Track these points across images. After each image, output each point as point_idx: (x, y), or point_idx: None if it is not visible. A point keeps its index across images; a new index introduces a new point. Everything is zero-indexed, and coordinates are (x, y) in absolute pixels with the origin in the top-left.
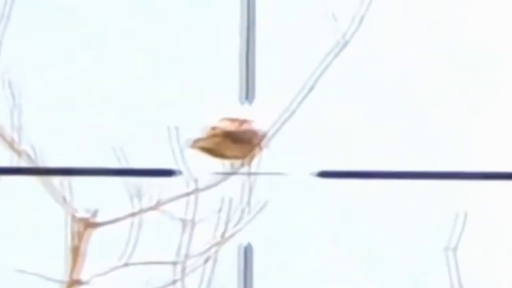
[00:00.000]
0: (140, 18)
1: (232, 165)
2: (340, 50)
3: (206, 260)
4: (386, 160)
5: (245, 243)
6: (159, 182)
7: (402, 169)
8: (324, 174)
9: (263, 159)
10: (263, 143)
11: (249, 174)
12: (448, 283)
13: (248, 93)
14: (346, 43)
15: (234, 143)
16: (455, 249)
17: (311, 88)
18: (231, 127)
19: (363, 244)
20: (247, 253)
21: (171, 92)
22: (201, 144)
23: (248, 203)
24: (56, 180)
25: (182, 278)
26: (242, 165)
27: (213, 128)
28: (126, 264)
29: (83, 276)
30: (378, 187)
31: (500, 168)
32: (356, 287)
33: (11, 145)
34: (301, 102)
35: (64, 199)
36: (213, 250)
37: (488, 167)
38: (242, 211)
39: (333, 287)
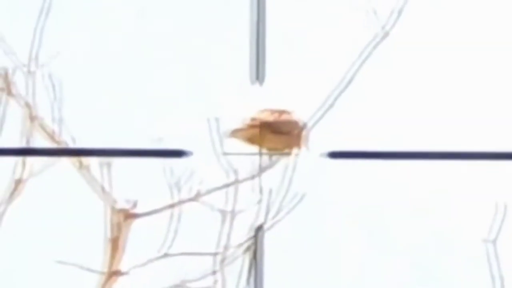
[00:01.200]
0: (152, 5)
1: (270, 158)
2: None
3: (246, 251)
4: (401, 141)
5: (255, 225)
6: (172, 162)
7: (415, 150)
8: (335, 155)
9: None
10: (303, 134)
11: (260, 154)
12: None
13: (259, 73)
14: (386, 35)
15: (273, 134)
16: (494, 241)
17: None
18: (270, 117)
19: (376, 226)
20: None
21: (179, 71)
22: (240, 134)
23: (287, 191)
24: (95, 171)
25: (221, 269)
26: (282, 156)
27: (253, 119)
28: (165, 255)
29: (123, 267)
30: (391, 168)
31: None
32: (370, 269)
33: (51, 137)
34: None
35: (104, 190)
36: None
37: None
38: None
39: (345, 269)
